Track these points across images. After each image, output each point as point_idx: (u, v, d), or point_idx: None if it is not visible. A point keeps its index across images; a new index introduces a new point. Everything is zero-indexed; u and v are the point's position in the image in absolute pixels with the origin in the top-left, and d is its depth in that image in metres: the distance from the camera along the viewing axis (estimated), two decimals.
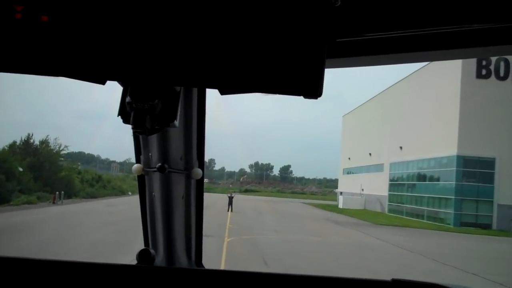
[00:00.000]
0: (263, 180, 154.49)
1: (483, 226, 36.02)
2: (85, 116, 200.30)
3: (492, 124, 36.25)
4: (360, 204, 58.40)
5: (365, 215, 44.70)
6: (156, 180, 1.76)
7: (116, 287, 1.80)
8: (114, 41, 0.82)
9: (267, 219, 33.13)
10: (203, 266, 2.21)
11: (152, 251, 1.97)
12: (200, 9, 0.82)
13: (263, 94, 0.89)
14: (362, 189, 60.56)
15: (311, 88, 0.83)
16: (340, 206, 58.42)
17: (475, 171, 37.65)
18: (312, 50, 0.82)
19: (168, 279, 1.81)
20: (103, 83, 0.89)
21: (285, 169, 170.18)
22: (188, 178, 1.83)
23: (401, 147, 48.00)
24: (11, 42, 0.82)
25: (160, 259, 2.03)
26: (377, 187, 54.65)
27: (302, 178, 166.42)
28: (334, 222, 34.44)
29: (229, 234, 21.78)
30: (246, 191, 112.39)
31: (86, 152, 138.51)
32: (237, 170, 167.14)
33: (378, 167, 55.43)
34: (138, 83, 0.98)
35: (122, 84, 1.04)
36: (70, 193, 45.56)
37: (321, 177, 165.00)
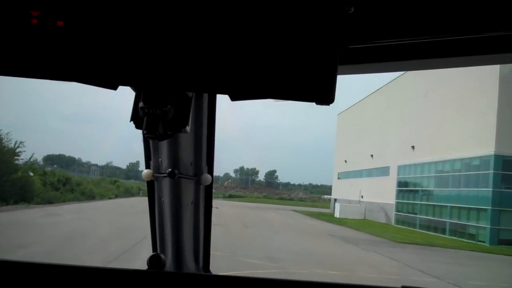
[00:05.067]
0: (248, 185, 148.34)
1: None
2: (69, 119, 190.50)
3: None
4: (360, 213, 50.71)
5: (370, 227, 36.96)
6: (165, 186, 1.79)
7: None
8: (128, 46, 0.83)
9: (256, 236, 25.05)
10: (210, 272, 2.23)
11: (162, 256, 1.99)
12: (213, 15, 0.83)
13: (274, 100, 0.88)
14: (362, 196, 52.97)
15: (323, 94, 0.84)
16: (337, 215, 50.59)
17: None
18: (325, 56, 0.83)
19: (177, 285, 1.82)
20: (115, 88, 0.92)
21: (271, 174, 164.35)
22: (197, 183, 1.85)
23: (413, 147, 40.51)
24: (26, 47, 0.82)
25: (168, 264, 2.06)
26: (380, 193, 46.93)
27: (287, 184, 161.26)
28: (341, 239, 26.55)
29: None
30: (231, 197, 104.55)
31: (67, 155, 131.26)
32: (221, 175, 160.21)
33: (383, 171, 47.77)
34: (151, 89, 0.99)
35: (135, 90, 1.05)
36: (27, 198, 38.02)
37: (307, 183, 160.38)
